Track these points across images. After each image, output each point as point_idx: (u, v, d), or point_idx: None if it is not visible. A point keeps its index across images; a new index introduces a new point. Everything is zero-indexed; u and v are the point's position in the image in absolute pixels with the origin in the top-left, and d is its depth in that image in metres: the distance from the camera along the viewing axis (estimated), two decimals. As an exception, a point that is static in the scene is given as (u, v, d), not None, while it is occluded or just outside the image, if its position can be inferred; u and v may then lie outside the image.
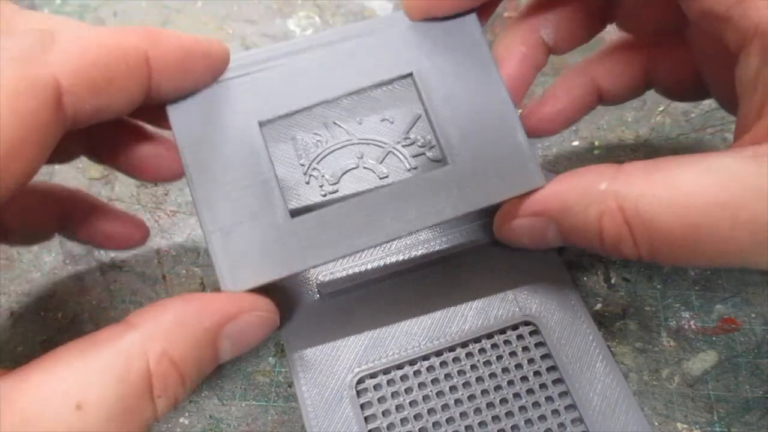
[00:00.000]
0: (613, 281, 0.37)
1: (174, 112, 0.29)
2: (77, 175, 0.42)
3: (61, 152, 0.31)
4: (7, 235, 0.33)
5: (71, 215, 0.35)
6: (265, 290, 0.28)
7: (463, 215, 0.29)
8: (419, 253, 0.31)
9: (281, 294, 0.31)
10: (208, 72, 0.29)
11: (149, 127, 0.32)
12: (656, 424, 0.32)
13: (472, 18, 0.30)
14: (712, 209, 0.23)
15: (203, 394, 0.35)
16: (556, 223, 0.28)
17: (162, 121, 0.30)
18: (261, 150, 0.29)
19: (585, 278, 0.37)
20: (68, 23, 0.26)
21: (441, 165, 0.29)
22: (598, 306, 0.36)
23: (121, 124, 0.32)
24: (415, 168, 0.34)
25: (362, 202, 0.28)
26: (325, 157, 0.34)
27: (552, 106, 0.35)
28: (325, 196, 0.33)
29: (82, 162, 0.42)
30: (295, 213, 0.28)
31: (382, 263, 0.31)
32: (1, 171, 0.22)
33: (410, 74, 0.30)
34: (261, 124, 0.29)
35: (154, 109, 0.29)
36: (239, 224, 0.28)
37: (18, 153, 0.23)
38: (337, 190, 0.33)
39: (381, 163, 0.34)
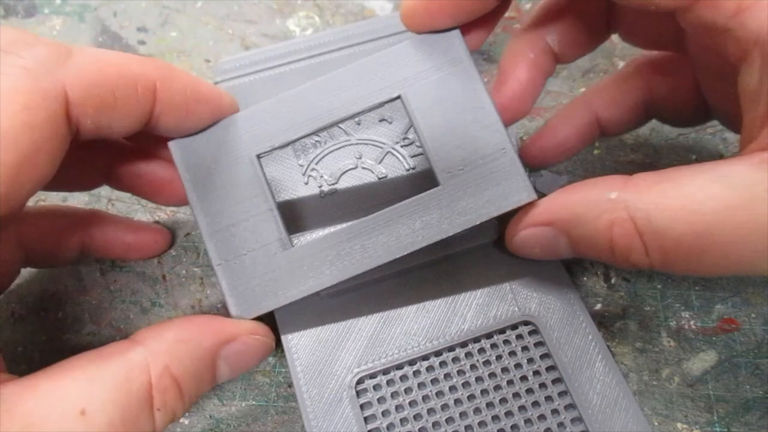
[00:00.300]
0: (613, 281, 0.37)
1: (176, 147, 0.30)
2: (77, 175, 0.42)
3: (84, 181, 0.34)
4: (32, 258, 0.35)
5: (92, 234, 0.36)
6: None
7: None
8: (418, 253, 0.31)
9: None
10: (211, 118, 0.30)
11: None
12: (656, 424, 0.32)
13: (456, 34, 0.31)
14: (723, 216, 0.23)
15: (203, 394, 0.35)
16: (566, 234, 0.28)
17: (163, 148, 0.31)
18: (260, 182, 0.30)
19: (585, 278, 0.37)
20: (88, 47, 0.27)
21: (433, 185, 0.29)
22: (598, 306, 0.36)
23: (140, 154, 0.33)
24: (413, 168, 0.34)
25: (358, 227, 0.29)
26: (323, 157, 0.34)
27: (552, 137, 0.36)
28: (323, 197, 0.33)
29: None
30: (293, 230, 0.30)
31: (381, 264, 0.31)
32: (17, 179, 0.23)
33: (398, 97, 0.30)
34: (259, 157, 0.30)
35: (155, 137, 0.31)
36: (244, 255, 0.29)
37: (32, 162, 0.24)
38: (335, 191, 0.33)
39: (380, 163, 0.34)
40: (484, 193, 0.29)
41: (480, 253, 0.32)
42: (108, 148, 0.33)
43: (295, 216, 0.33)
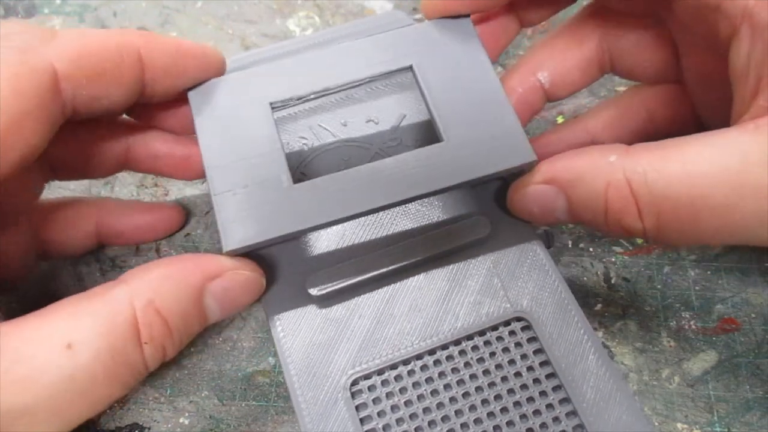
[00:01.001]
0: (613, 281, 0.37)
1: (192, 94, 0.32)
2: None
3: (103, 166, 0.35)
4: (49, 249, 0.36)
5: (107, 220, 0.37)
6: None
7: (459, 208, 0.32)
8: (410, 253, 0.31)
9: (278, 295, 0.31)
10: (201, 73, 0.32)
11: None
12: (656, 424, 0.32)
13: (466, 19, 0.33)
14: (718, 179, 0.24)
15: (203, 394, 0.35)
16: (565, 194, 0.28)
17: (170, 124, 0.34)
18: (270, 126, 0.31)
19: (585, 278, 0.37)
20: (73, 28, 0.30)
21: (437, 142, 0.30)
22: (598, 306, 0.36)
23: (157, 136, 0.35)
24: None
25: (360, 171, 0.30)
26: (311, 160, 0.34)
27: (544, 147, 0.37)
28: None
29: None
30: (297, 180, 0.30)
31: (373, 265, 0.31)
32: (4, 141, 0.25)
33: (410, 67, 0.32)
34: (272, 105, 0.31)
35: (164, 110, 0.34)
36: (244, 188, 0.29)
37: (19, 127, 0.26)
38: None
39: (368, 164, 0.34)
40: (486, 151, 0.30)
41: (471, 252, 0.32)
42: (125, 132, 0.35)
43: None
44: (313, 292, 0.30)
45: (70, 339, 0.24)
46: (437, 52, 0.32)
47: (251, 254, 0.30)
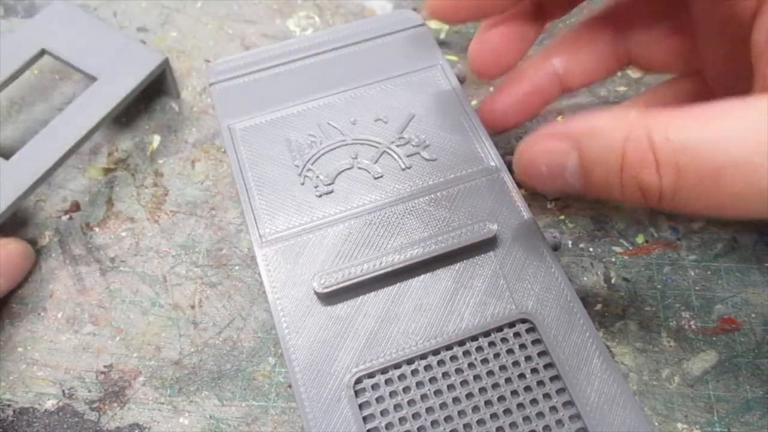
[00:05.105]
0: (613, 281, 0.37)
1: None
2: (77, 174, 0.42)
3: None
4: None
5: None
6: None
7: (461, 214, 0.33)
8: (416, 252, 0.31)
9: (284, 292, 0.31)
10: None
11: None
12: (656, 424, 0.32)
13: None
14: (740, 135, 0.23)
15: (203, 394, 0.35)
16: (578, 149, 0.27)
17: None
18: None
19: (585, 278, 0.37)
20: None
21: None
22: (598, 306, 0.36)
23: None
24: (409, 167, 0.34)
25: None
26: (319, 157, 0.35)
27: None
28: (320, 196, 0.33)
29: (83, 162, 0.42)
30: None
31: (378, 263, 0.31)
32: None
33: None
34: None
35: None
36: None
37: None
38: (332, 191, 0.33)
39: (375, 162, 0.34)
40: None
41: (477, 252, 0.32)
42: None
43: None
44: (319, 289, 0.30)
45: None
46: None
47: None
